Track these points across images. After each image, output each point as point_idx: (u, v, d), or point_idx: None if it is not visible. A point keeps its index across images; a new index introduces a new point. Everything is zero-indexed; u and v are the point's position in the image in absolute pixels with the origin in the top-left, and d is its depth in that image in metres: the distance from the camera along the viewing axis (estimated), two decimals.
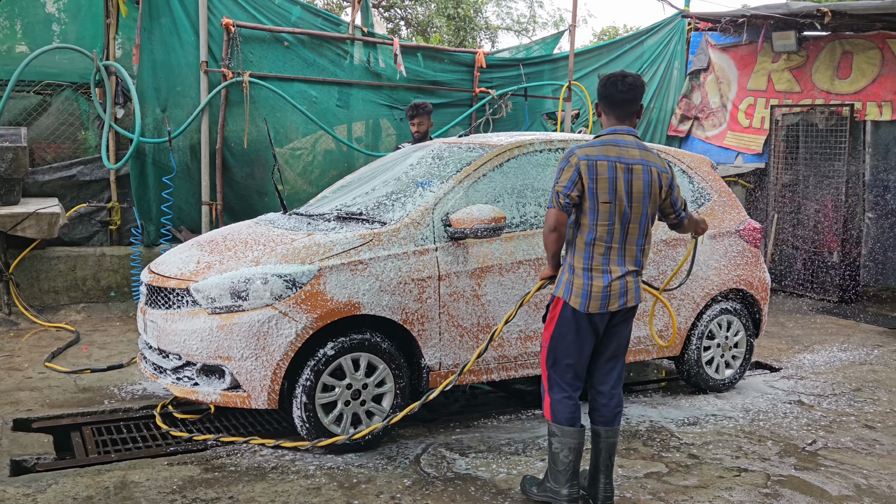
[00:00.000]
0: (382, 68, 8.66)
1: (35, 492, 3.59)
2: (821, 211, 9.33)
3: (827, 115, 9.19)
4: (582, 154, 3.44)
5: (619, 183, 3.44)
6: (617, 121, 3.57)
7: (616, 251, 3.50)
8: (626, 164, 3.47)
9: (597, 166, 3.43)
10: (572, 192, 3.42)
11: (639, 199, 3.49)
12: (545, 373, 3.61)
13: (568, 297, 3.49)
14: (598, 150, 3.47)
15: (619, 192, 3.44)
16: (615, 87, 3.53)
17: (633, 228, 3.51)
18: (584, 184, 3.43)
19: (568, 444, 3.53)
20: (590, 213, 3.46)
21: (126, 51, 7.62)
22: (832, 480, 4.08)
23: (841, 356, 6.69)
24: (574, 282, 3.49)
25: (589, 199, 3.44)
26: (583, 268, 3.48)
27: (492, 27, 20.56)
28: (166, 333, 4.19)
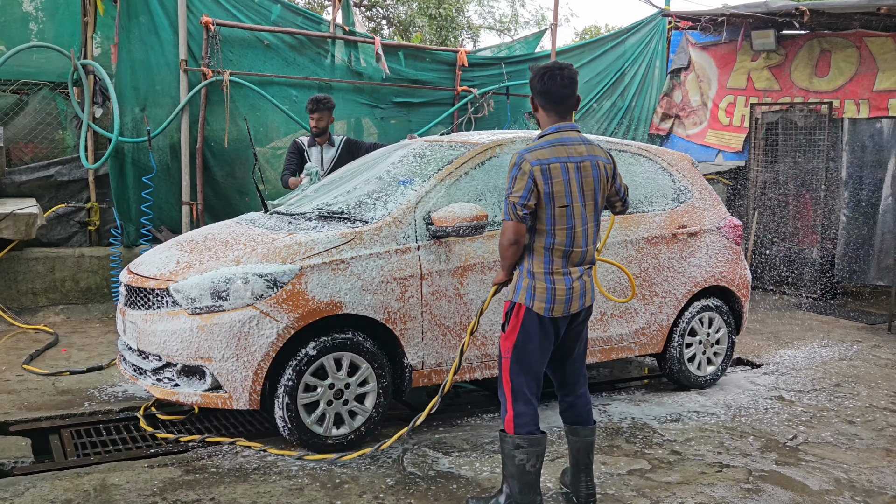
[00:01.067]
0: (364, 67, 8.64)
1: (12, 496, 3.54)
2: (800, 208, 9.40)
3: (806, 113, 9.27)
4: (533, 159, 3.31)
5: (573, 184, 3.35)
6: (559, 117, 3.44)
7: (576, 253, 3.43)
8: (576, 163, 3.38)
9: (550, 170, 3.31)
10: (529, 201, 3.29)
11: (591, 196, 3.42)
12: (509, 384, 3.43)
13: (531, 303, 3.38)
14: (549, 153, 3.34)
15: (575, 194, 3.36)
16: (555, 82, 3.39)
17: (590, 227, 3.45)
18: (540, 190, 3.30)
19: (535, 453, 3.42)
20: (547, 219, 3.35)
21: (104, 50, 7.55)
22: (813, 475, 4.12)
23: (821, 352, 6.74)
24: (536, 287, 3.39)
25: (546, 204, 3.32)
26: (544, 272, 3.39)
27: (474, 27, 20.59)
28: (146, 334, 4.15)
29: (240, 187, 7.96)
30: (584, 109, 10.26)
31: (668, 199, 5.49)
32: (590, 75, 10.36)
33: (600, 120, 10.46)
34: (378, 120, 8.78)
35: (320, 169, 6.37)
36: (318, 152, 6.67)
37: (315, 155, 6.66)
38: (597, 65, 10.40)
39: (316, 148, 6.67)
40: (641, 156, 5.49)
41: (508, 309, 3.47)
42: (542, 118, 3.49)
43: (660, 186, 5.49)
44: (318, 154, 6.67)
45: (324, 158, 6.65)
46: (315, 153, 6.67)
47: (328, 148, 6.68)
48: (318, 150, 6.67)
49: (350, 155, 6.72)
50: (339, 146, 6.70)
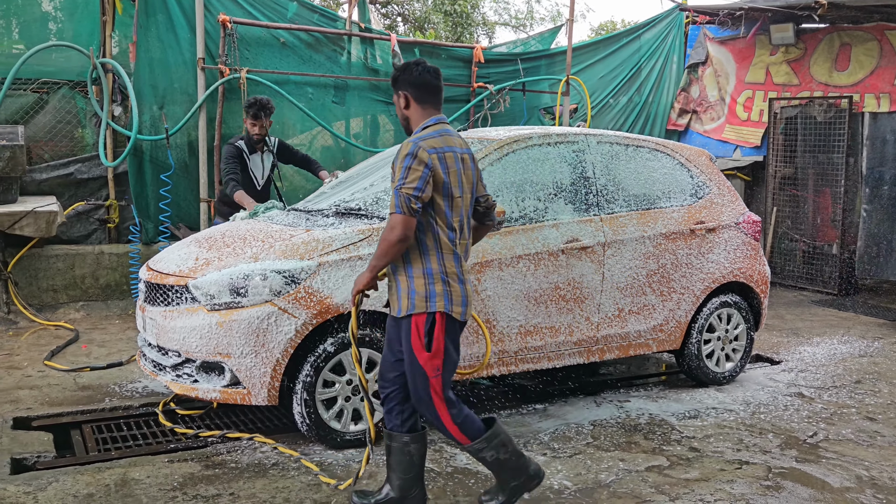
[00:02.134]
0: (379, 64, 8.64)
1: (35, 490, 3.58)
2: (820, 203, 9.32)
3: (825, 107, 9.18)
4: (430, 147, 3.13)
5: (462, 175, 3.25)
6: (435, 109, 3.32)
7: (465, 249, 3.33)
8: (460, 155, 3.27)
9: (446, 159, 3.17)
10: (424, 192, 3.07)
11: (469, 189, 3.31)
12: (444, 403, 3.21)
13: (450, 309, 3.16)
14: (441, 142, 3.19)
15: (464, 185, 3.25)
16: (430, 74, 3.29)
17: (467, 222, 3.34)
18: (439, 180, 3.13)
19: (499, 443, 3.31)
20: (447, 211, 3.17)
21: (122, 48, 7.60)
22: (833, 472, 4.08)
23: (841, 348, 6.68)
24: (452, 290, 3.18)
25: (444, 196, 3.16)
26: (457, 272, 3.21)
27: (489, 23, 20.53)
28: (165, 331, 4.18)
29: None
30: (600, 105, 10.22)
31: (686, 194, 5.46)
32: (606, 71, 10.31)
33: (617, 116, 10.42)
34: (394, 117, 8.78)
35: (280, 203, 5.59)
36: (260, 160, 6.33)
37: (257, 163, 6.33)
38: (613, 60, 10.36)
39: (257, 155, 6.32)
40: (659, 151, 5.46)
41: (427, 323, 3.14)
42: (415, 113, 3.31)
43: (678, 182, 5.46)
44: (259, 161, 6.34)
45: (265, 166, 6.37)
46: (257, 160, 6.32)
47: (267, 154, 6.39)
48: (259, 157, 6.33)
49: (283, 156, 6.54)
50: (274, 148, 6.43)
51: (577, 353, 4.95)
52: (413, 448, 3.39)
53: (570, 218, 4.89)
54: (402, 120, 3.37)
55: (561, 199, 4.91)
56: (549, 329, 4.78)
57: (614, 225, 5.02)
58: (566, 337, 4.85)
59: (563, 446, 4.32)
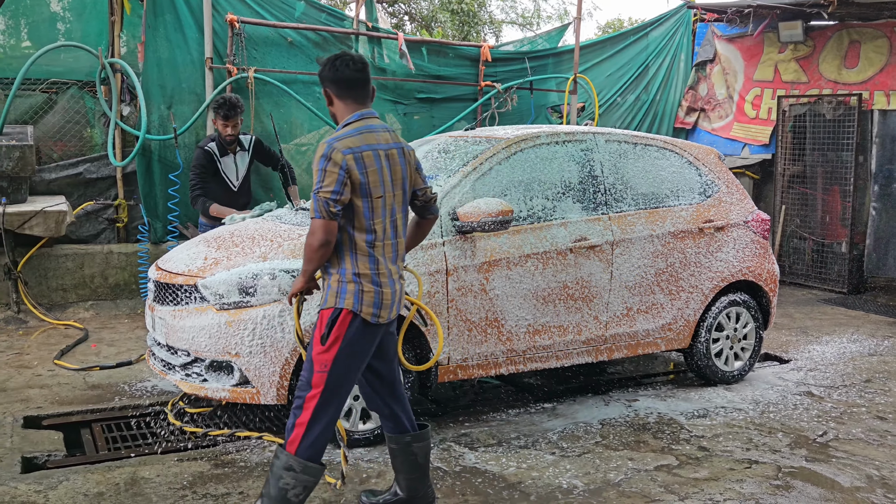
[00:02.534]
0: (387, 63, 8.64)
1: (46, 488, 3.60)
2: (828, 201, 9.28)
3: (834, 105, 9.14)
4: (344, 148, 3.02)
5: (385, 173, 3.12)
6: (357, 104, 3.19)
7: (391, 249, 3.19)
8: (384, 151, 3.14)
9: (364, 159, 3.05)
10: (342, 195, 2.99)
11: (400, 186, 3.19)
12: (315, 401, 3.05)
13: (359, 309, 3.06)
14: (359, 140, 3.07)
15: (387, 184, 3.12)
16: (349, 67, 3.15)
17: (399, 220, 3.22)
18: (355, 181, 3.03)
19: (305, 482, 3.07)
20: (365, 213, 3.07)
21: (131, 48, 7.62)
22: (844, 472, 4.07)
23: (851, 347, 6.65)
24: (364, 291, 3.08)
25: (362, 196, 3.05)
26: (371, 274, 3.10)
27: (496, 21, 20.51)
28: (175, 330, 4.19)
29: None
30: (607, 104, 10.20)
31: (694, 193, 5.44)
32: (613, 69, 10.29)
33: (624, 114, 10.39)
34: (401, 116, 8.79)
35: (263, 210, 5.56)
36: (233, 161, 6.26)
37: (230, 164, 6.25)
38: (620, 58, 10.33)
39: (229, 157, 6.24)
40: (667, 150, 5.45)
41: (330, 317, 3.08)
42: (339, 109, 3.21)
43: (686, 180, 5.44)
44: (232, 163, 6.26)
45: (239, 167, 6.30)
46: (229, 163, 6.25)
47: (241, 154, 6.30)
48: (232, 158, 6.26)
49: (259, 155, 6.46)
50: (250, 147, 6.33)
51: (586, 352, 4.94)
52: (416, 447, 3.38)
53: (578, 217, 4.88)
54: (332, 117, 3.28)
55: (569, 198, 4.90)
56: (558, 328, 4.78)
57: (623, 224, 5.01)
58: (574, 336, 4.85)
59: (572, 445, 4.32)
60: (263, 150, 6.52)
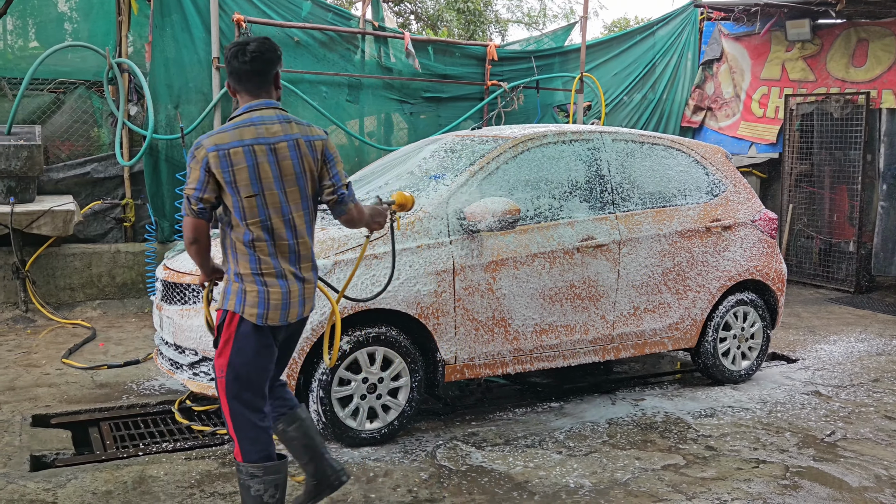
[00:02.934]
0: (393, 63, 8.65)
1: (55, 486, 3.61)
2: (836, 200, 9.25)
3: (842, 103, 9.11)
4: (210, 145, 2.87)
5: (264, 169, 2.91)
6: (251, 96, 3.02)
7: (285, 249, 2.97)
8: (268, 145, 2.93)
9: (230, 156, 2.87)
10: (205, 193, 2.87)
11: (292, 181, 2.96)
12: (227, 408, 2.97)
13: (241, 310, 2.92)
14: (231, 136, 2.90)
15: (267, 181, 2.91)
16: (237, 59, 3.00)
17: (298, 219, 2.99)
18: (219, 179, 2.87)
19: (274, 482, 3.00)
20: (236, 212, 2.91)
21: (138, 48, 7.65)
22: (852, 472, 4.05)
23: (859, 347, 6.63)
24: (246, 291, 2.93)
25: (231, 195, 2.89)
26: (252, 274, 2.94)
27: (502, 21, 20.49)
28: (182, 329, 4.20)
29: None
30: (614, 103, 10.19)
31: (701, 192, 5.43)
32: (620, 68, 10.27)
33: (631, 113, 10.38)
34: (408, 115, 8.79)
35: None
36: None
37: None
38: (627, 57, 10.32)
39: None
40: (675, 149, 5.44)
41: (220, 320, 2.98)
42: (239, 101, 3.07)
43: (693, 180, 5.43)
44: None
45: None
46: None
47: None
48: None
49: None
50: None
51: (593, 352, 4.94)
52: (291, 431, 3.25)
53: (585, 216, 4.88)
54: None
55: (576, 198, 4.90)
56: (565, 327, 4.78)
57: (630, 223, 5.01)
58: (581, 335, 4.85)
59: (579, 445, 4.31)
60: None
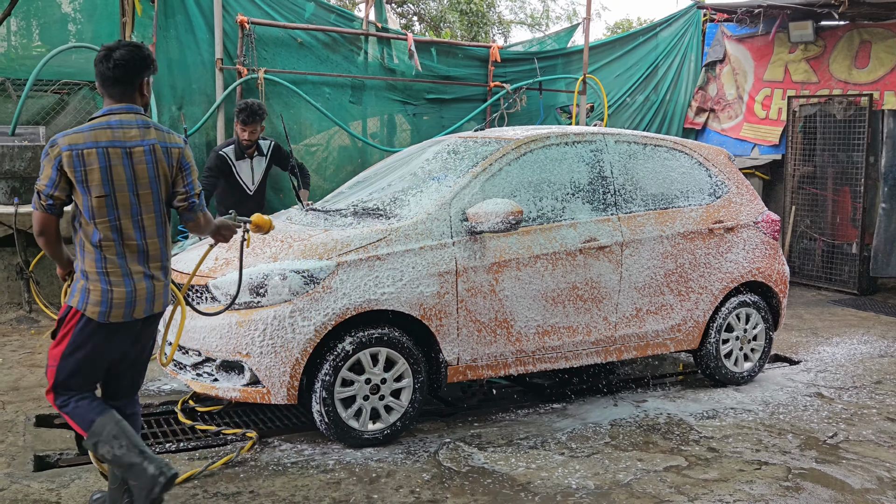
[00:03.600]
0: (396, 64, 8.66)
1: (59, 486, 3.63)
2: (839, 202, 9.25)
3: (845, 105, 9.10)
4: (65, 144, 2.93)
5: (117, 171, 2.97)
6: (113, 100, 3.07)
7: (134, 249, 3.05)
8: (123, 149, 2.99)
9: (84, 156, 2.93)
10: (55, 190, 2.94)
11: (146, 185, 3.04)
12: (52, 396, 3.10)
13: (84, 307, 2.99)
14: (86, 137, 2.95)
15: (119, 183, 2.98)
16: (102, 64, 3.03)
17: (148, 220, 3.08)
18: (71, 178, 2.94)
19: (118, 432, 3.03)
20: (86, 211, 2.97)
21: None
22: (854, 473, 4.06)
23: (861, 349, 6.63)
24: (90, 290, 3.01)
25: (82, 194, 2.95)
26: (97, 272, 3.01)
27: (505, 22, 20.51)
28: (186, 330, 4.21)
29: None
30: (616, 104, 10.19)
31: (704, 193, 5.44)
32: (622, 69, 10.28)
33: (633, 114, 10.38)
34: (411, 116, 8.80)
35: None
36: (249, 166, 6.31)
37: (246, 170, 6.31)
38: (630, 59, 10.32)
39: (245, 161, 6.30)
40: (677, 150, 5.44)
41: (62, 313, 3.07)
42: (104, 103, 3.11)
43: (696, 181, 5.44)
44: (248, 168, 6.32)
45: (255, 172, 6.37)
46: (245, 167, 6.30)
47: (259, 158, 6.35)
48: (249, 163, 6.31)
49: (277, 161, 6.49)
50: (268, 152, 6.37)
51: (595, 353, 4.95)
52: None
53: (587, 217, 4.88)
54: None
55: (578, 199, 4.90)
56: (567, 329, 4.78)
57: (632, 224, 5.01)
58: (584, 337, 4.85)
59: (581, 446, 4.32)
60: (282, 156, 6.59)
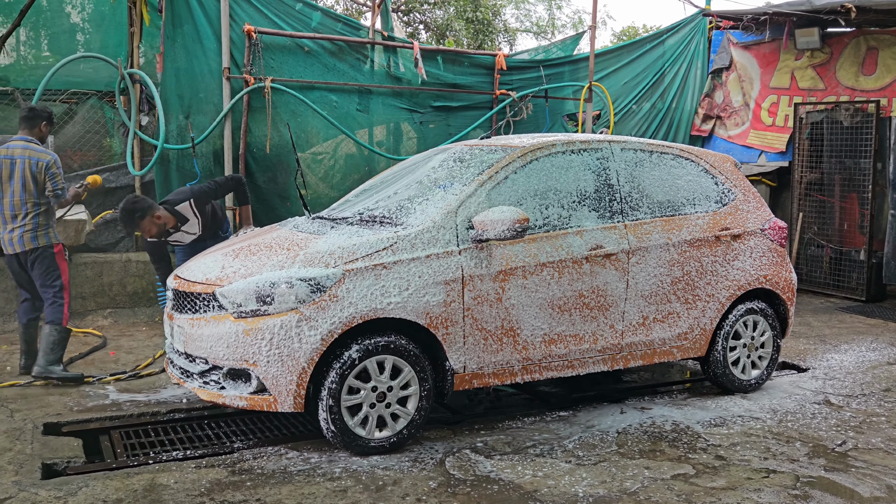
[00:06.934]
0: (402, 72, 8.69)
1: (66, 495, 3.63)
2: (846, 209, 9.22)
3: (852, 112, 9.09)
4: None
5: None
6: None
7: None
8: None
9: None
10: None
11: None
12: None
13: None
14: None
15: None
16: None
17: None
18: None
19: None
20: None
21: (149, 59, 7.71)
22: (863, 482, 4.03)
23: (870, 356, 6.60)
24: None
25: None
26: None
27: (510, 30, 20.56)
28: (193, 338, 4.23)
29: (281, 192, 8.06)
30: (623, 112, 10.19)
31: (710, 201, 5.43)
32: (629, 77, 10.29)
33: (640, 122, 10.39)
34: (417, 124, 8.83)
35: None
36: (179, 231, 5.77)
37: (181, 235, 5.81)
38: (636, 66, 10.34)
39: (177, 235, 5.78)
40: (684, 157, 5.44)
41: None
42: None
43: (702, 188, 5.43)
44: (179, 234, 5.80)
45: (191, 229, 5.81)
46: (176, 235, 5.79)
47: (188, 226, 5.78)
48: (179, 236, 5.81)
49: (207, 201, 5.84)
50: (193, 211, 5.74)
51: (602, 361, 4.94)
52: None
53: (594, 225, 4.88)
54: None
55: (585, 207, 4.90)
56: (574, 337, 4.78)
57: (638, 232, 5.01)
58: (590, 345, 4.84)
59: (588, 454, 4.31)
60: (209, 195, 5.88)
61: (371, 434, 4.19)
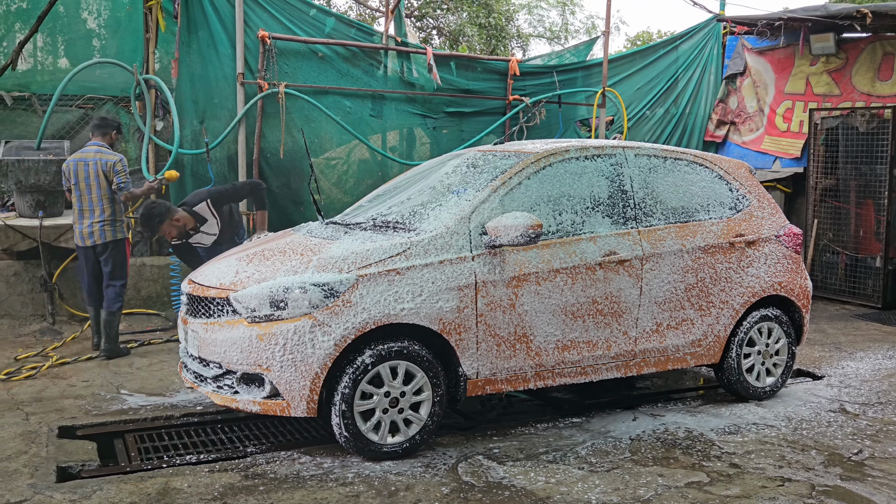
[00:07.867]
0: (416, 78, 8.71)
1: (80, 498, 3.65)
2: (862, 215, 9.15)
3: (868, 117, 9.02)
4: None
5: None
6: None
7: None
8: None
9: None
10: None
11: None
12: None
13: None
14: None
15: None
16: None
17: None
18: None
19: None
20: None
21: (164, 64, 7.76)
22: (880, 491, 3.99)
23: (886, 364, 6.54)
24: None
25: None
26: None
27: (523, 35, 20.55)
28: (207, 343, 4.24)
29: (295, 197, 8.09)
30: (636, 117, 10.17)
31: (725, 207, 5.40)
32: (642, 82, 10.27)
33: (653, 127, 10.36)
34: (430, 130, 8.84)
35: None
36: (199, 232, 6.08)
37: (201, 237, 6.10)
38: (649, 71, 10.31)
39: (197, 236, 6.10)
40: (698, 164, 5.42)
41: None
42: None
43: (717, 195, 5.41)
44: (202, 234, 6.08)
45: (210, 230, 6.10)
46: (197, 236, 6.09)
47: (207, 226, 6.07)
48: (200, 237, 6.11)
49: (224, 203, 6.13)
50: (211, 211, 6.04)
51: (615, 368, 4.92)
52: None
53: (607, 231, 4.87)
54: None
55: (598, 213, 4.89)
56: (587, 343, 4.76)
57: (652, 238, 4.99)
58: (604, 351, 4.83)
59: (601, 461, 4.29)
60: (226, 196, 6.18)
61: (384, 439, 4.19)
